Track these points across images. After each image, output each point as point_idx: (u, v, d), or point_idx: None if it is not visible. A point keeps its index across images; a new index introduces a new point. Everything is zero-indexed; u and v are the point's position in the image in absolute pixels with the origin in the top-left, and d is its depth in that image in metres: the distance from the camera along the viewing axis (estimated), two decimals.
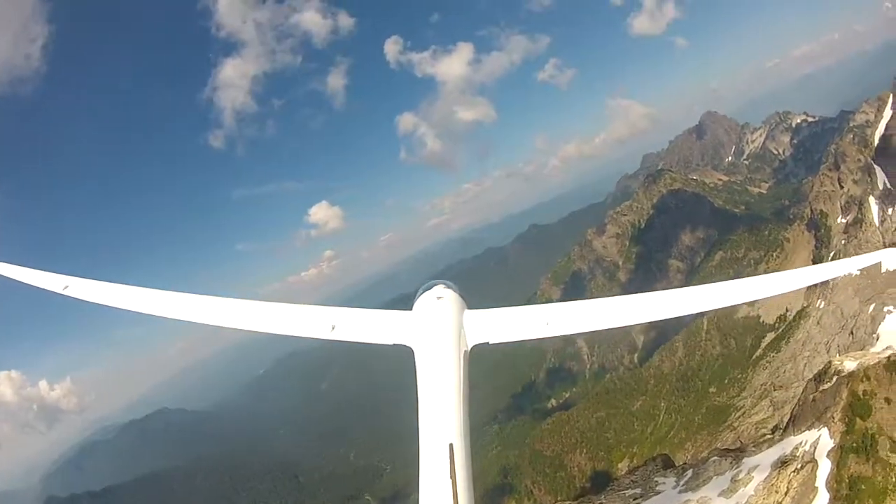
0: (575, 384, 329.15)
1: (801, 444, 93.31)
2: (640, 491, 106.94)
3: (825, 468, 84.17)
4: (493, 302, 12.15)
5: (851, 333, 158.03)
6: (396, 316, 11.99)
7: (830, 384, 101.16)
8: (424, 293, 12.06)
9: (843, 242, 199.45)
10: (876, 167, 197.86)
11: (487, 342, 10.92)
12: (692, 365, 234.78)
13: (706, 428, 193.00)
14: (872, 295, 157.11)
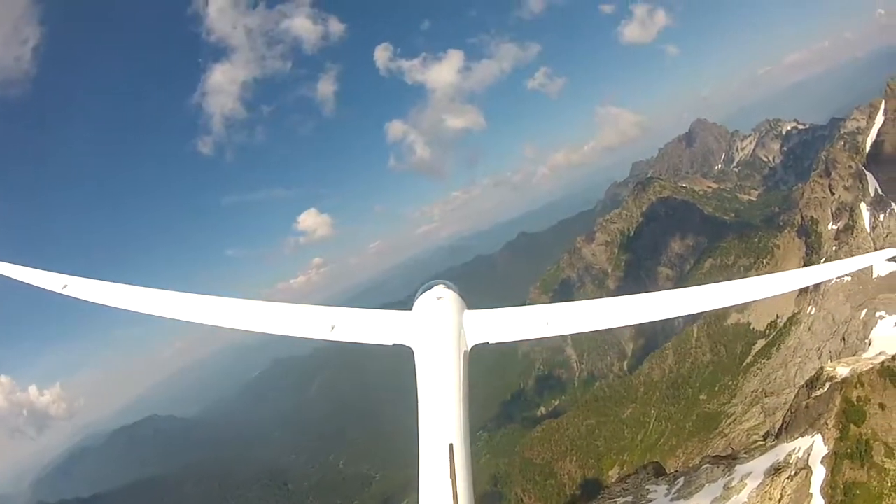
0: (564, 392, 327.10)
1: (794, 450, 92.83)
2: (631, 499, 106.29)
3: (819, 475, 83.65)
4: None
5: (843, 339, 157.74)
6: (396, 316, 11.94)
7: (823, 391, 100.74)
8: (424, 293, 12.13)
9: (833, 249, 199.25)
10: (867, 173, 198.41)
11: (487, 342, 10.93)
12: (682, 372, 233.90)
13: (697, 435, 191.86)
14: (864, 300, 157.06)
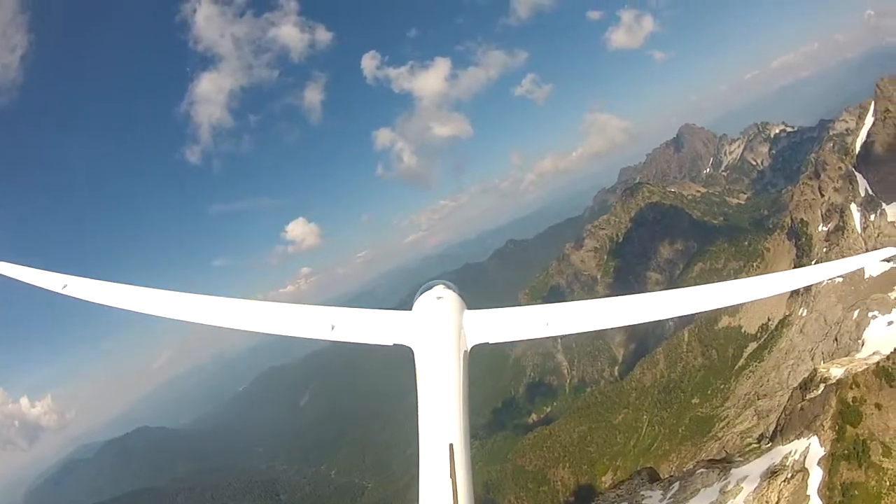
0: (555, 398, 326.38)
1: (790, 453, 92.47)
2: None
3: (816, 476, 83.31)
4: None
5: (836, 340, 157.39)
6: (396, 316, 11.93)
7: (818, 393, 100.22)
8: (424, 293, 12.06)
9: (824, 250, 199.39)
10: (857, 174, 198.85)
11: (487, 342, 10.95)
12: (674, 377, 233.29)
13: (690, 439, 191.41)
14: (856, 301, 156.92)
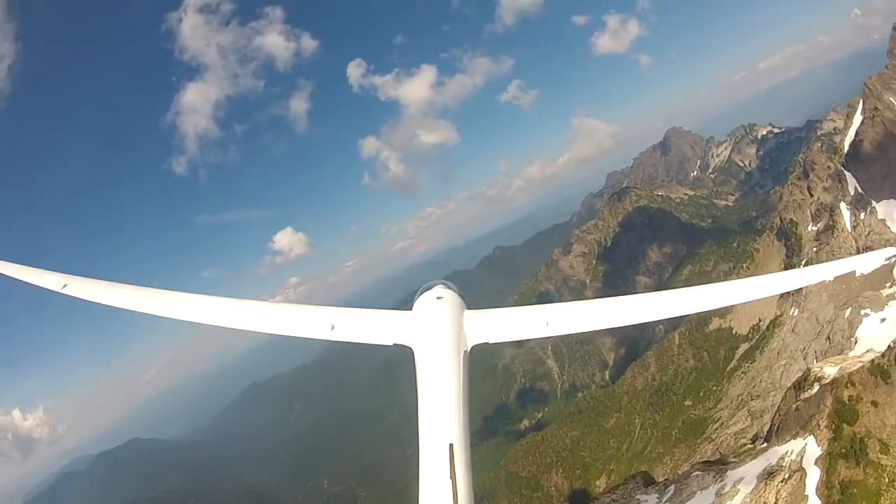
0: (547, 404, 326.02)
1: (786, 453, 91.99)
2: None
3: (814, 476, 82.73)
4: None
5: (828, 339, 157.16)
6: (396, 316, 12.03)
7: (812, 392, 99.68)
8: (424, 293, 12.09)
9: (814, 250, 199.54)
10: (846, 173, 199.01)
11: (487, 342, 10.99)
12: (665, 380, 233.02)
13: (684, 441, 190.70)
14: (848, 299, 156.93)
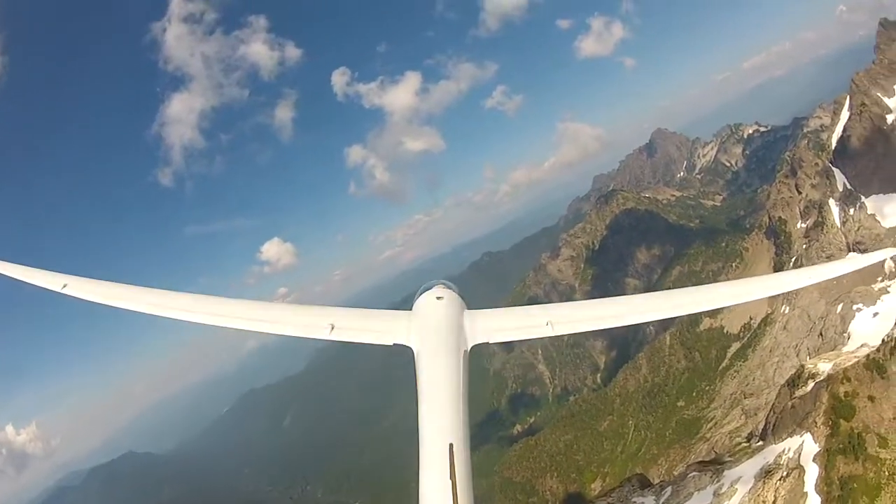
0: (539, 409, 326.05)
1: (783, 451, 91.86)
2: None
3: (813, 473, 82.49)
4: None
5: (821, 335, 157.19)
6: (396, 316, 11.96)
7: (807, 389, 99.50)
8: (424, 293, 12.19)
9: (804, 247, 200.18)
10: (834, 170, 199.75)
11: (487, 342, 11.00)
12: (657, 381, 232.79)
13: (678, 442, 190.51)
14: (840, 295, 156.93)
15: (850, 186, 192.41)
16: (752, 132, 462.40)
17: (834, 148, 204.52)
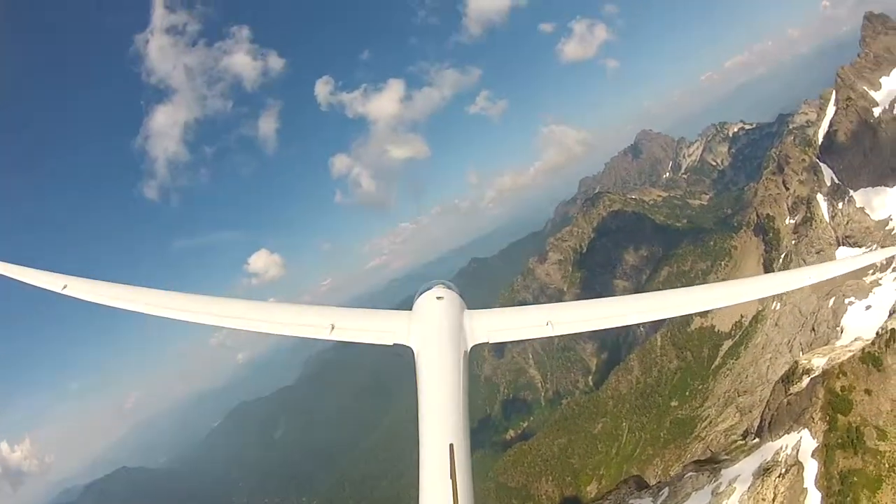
0: (532, 413, 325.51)
1: (781, 448, 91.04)
2: None
3: (812, 469, 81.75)
4: None
5: (813, 330, 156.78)
6: (396, 316, 11.90)
7: (802, 385, 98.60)
8: (424, 293, 12.06)
9: (793, 243, 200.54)
10: (822, 165, 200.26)
11: (487, 342, 11.01)
12: (650, 382, 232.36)
13: (673, 441, 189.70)
14: (831, 289, 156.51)
15: (837, 181, 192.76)
16: (737, 130, 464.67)
17: (821, 143, 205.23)
